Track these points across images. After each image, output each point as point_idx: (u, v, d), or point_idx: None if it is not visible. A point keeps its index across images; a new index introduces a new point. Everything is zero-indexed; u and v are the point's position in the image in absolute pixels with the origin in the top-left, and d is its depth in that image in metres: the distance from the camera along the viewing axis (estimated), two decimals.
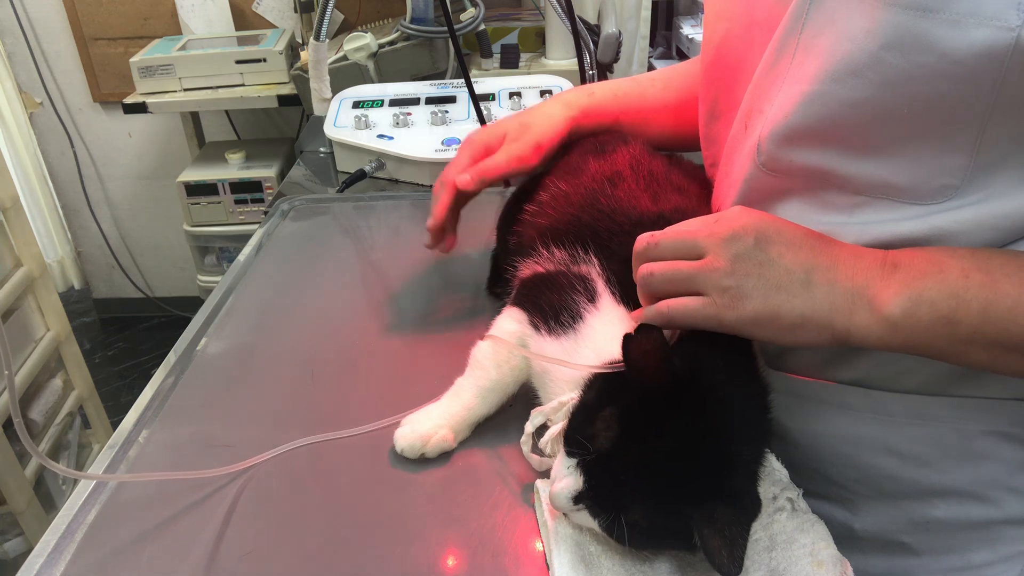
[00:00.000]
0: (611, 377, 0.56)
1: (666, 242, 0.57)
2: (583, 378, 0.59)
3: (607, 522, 0.53)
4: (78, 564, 0.60)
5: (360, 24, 1.97)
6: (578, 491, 0.53)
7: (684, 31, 2.01)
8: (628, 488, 0.51)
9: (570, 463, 0.54)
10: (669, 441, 0.51)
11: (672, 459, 0.51)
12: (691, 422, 0.52)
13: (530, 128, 0.82)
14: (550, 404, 0.61)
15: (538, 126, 0.82)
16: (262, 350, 0.86)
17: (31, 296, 1.71)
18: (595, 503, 0.53)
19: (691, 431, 0.52)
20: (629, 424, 0.52)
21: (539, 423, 0.62)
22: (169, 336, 0.92)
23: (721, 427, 0.53)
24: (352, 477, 0.67)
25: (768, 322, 0.53)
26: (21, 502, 1.59)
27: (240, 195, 2.17)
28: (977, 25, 0.45)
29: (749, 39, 0.64)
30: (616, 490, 0.52)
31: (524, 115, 0.84)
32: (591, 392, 0.57)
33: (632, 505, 0.51)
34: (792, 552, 0.56)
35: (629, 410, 0.53)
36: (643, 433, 0.52)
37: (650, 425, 0.52)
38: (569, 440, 0.55)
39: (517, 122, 0.83)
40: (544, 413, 0.62)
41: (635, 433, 0.52)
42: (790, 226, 0.55)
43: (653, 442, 0.51)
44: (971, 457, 0.60)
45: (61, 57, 2.51)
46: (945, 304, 0.50)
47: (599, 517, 0.53)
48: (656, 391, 0.52)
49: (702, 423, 0.52)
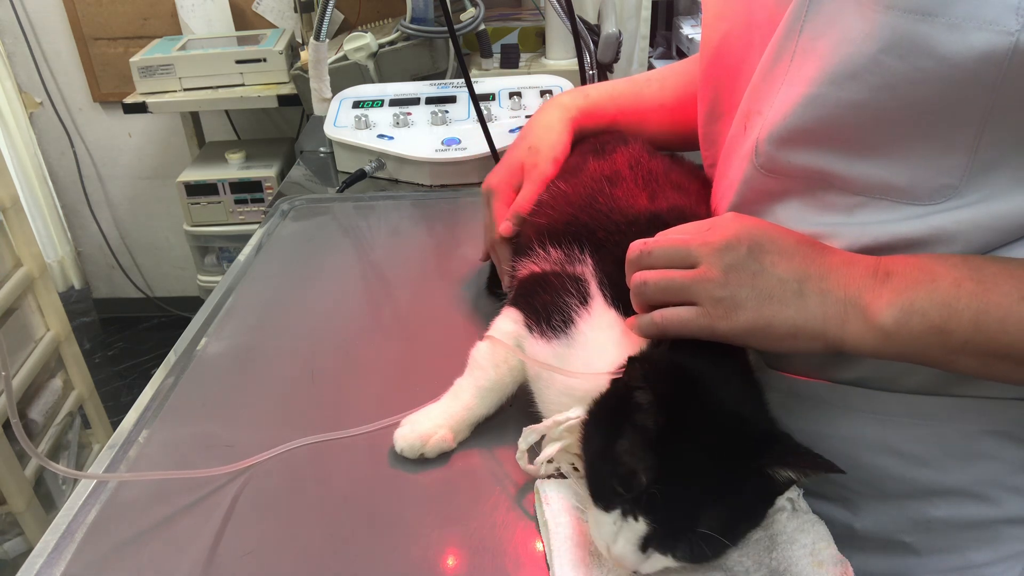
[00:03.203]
0: (601, 417, 0.55)
1: (659, 250, 0.57)
2: (577, 387, 0.59)
3: (686, 546, 0.50)
4: (78, 564, 0.60)
5: (360, 24, 1.97)
6: (643, 535, 0.50)
7: (684, 31, 2.01)
8: (689, 499, 0.49)
9: (612, 517, 0.52)
10: (703, 438, 0.50)
11: (713, 450, 0.50)
12: (712, 414, 0.52)
13: (540, 149, 0.82)
14: (544, 423, 0.61)
15: (545, 141, 0.83)
16: (262, 350, 0.86)
17: (31, 296, 1.71)
18: (665, 535, 0.50)
19: (716, 421, 0.51)
20: (660, 445, 0.50)
21: (533, 441, 0.62)
22: (169, 336, 0.92)
23: (738, 406, 0.53)
24: (352, 477, 0.67)
25: (761, 332, 0.54)
26: (21, 502, 1.59)
27: (240, 195, 2.17)
28: (976, 29, 0.45)
29: (748, 40, 0.64)
30: (679, 508, 0.50)
31: (527, 137, 0.85)
32: (592, 442, 0.55)
33: (702, 512, 0.50)
34: (792, 552, 0.56)
35: (652, 431, 0.51)
36: (677, 444, 0.50)
37: (680, 434, 0.50)
38: (603, 496, 0.52)
39: (525, 148, 0.84)
40: (537, 431, 0.61)
41: (669, 448, 0.50)
42: (783, 233, 0.56)
43: (689, 447, 0.50)
44: (971, 457, 0.60)
45: (61, 57, 2.51)
46: (937, 314, 0.50)
47: (675, 547, 0.51)
48: (673, 402, 0.51)
49: (721, 411, 0.52)
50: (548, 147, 0.82)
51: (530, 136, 0.84)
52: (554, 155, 0.82)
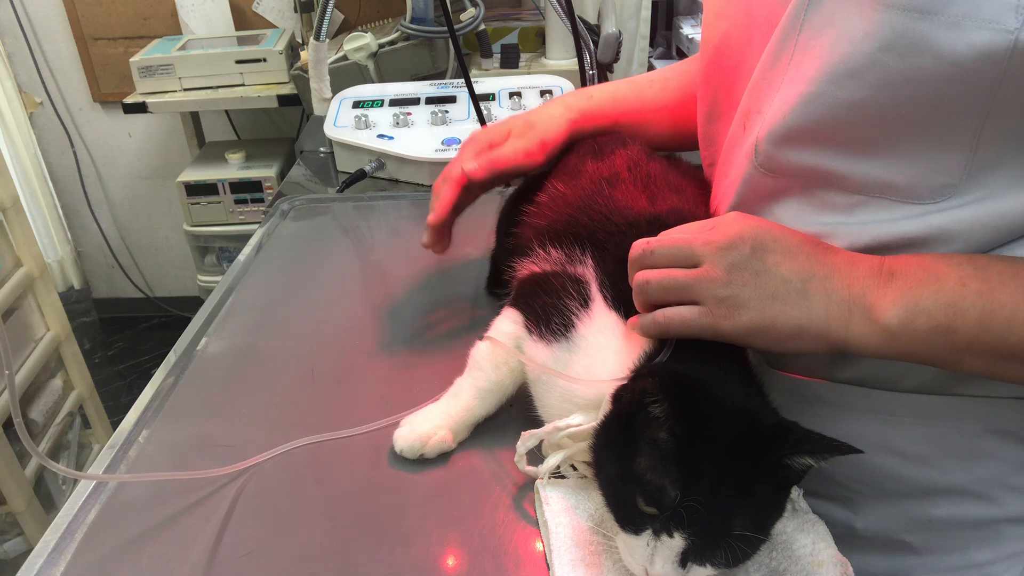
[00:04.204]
0: (610, 439, 0.54)
1: (661, 249, 0.57)
2: (578, 394, 0.59)
3: (724, 551, 0.49)
4: (78, 564, 0.60)
5: (360, 24, 1.97)
6: (681, 550, 0.49)
7: (684, 31, 2.01)
8: (720, 504, 0.49)
9: (643, 539, 0.50)
10: (720, 440, 0.50)
11: (732, 451, 0.50)
12: (724, 415, 0.51)
13: (535, 126, 0.81)
14: (543, 429, 0.61)
15: (542, 124, 0.82)
16: (262, 350, 0.86)
17: (31, 296, 1.71)
18: (703, 545, 0.49)
19: (729, 421, 0.51)
20: (682, 455, 0.50)
21: (532, 446, 0.62)
22: (169, 336, 0.92)
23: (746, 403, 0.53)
24: (352, 477, 0.67)
25: (765, 332, 0.53)
26: (21, 502, 1.59)
27: (240, 195, 2.17)
28: (976, 28, 0.45)
29: (748, 39, 0.64)
30: (712, 515, 0.48)
31: (527, 114, 0.84)
32: (606, 468, 0.54)
33: (733, 516, 0.49)
34: (792, 552, 0.56)
35: (671, 443, 0.50)
36: (697, 451, 0.50)
37: (698, 441, 0.50)
38: (630, 519, 0.51)
39: (521, 120, 0.83)
40: (536, 436, 0.61)
41: (691, 457, 0.50)
42: (786, 233, 0.55)
43: (710, 452, 0.50)
44: (972, 456, 0.60)
45: (61, 57, 2.51)
46: (942, 313, 0.50)
47: (714, 555, 0.49)
48: (687, 410, 0.50)
49: (732, 410, 0.51)
50: (543, 129, 0.81)
51: (530, 115, 0.84)
52: (544, 139, 0.80)
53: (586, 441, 0.58)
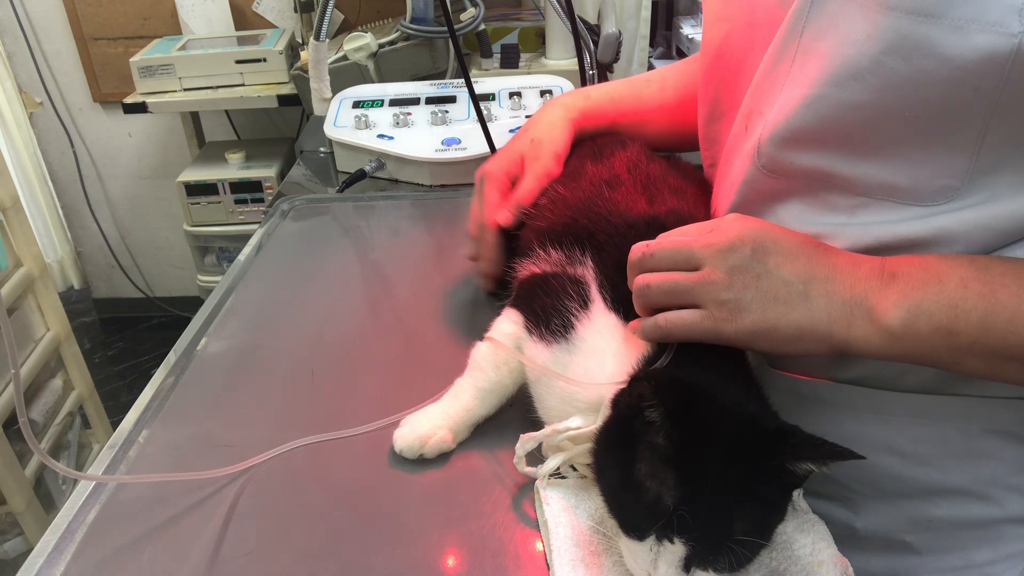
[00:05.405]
0: (609, 445, 0.54)
1: (661, 252, 0.57)
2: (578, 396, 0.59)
3: (726, 556, 0.49)
4: (78, 564, 0.60)
5: (360, 24, 1.97)
6: (684, 556, 0.49)
7: (684, 31, 2.01)
8: (720, 509, 0.49)
9: (647, 545, 0.50)
10: (720, 444, 0.50)
11: (732, 455, 0.49)
12: (723, 419, 0.51)
13: (542, 142, 0.81)
14: (542, 431, 0.60)
15: (547, 136, 0.82)
16: (262, 350, 0.86)
17: (31, 296, 1.71)
18: (704, 550, 0.49)
19: (729, 425, 0.50)
20: (681, 460, 0.49)
21: (531, 448, 0.62)
22: (169, 336, 0.92)
23: (746, 407, 0.53)
24: (352, 477, 0.67)
25: (767, 334, 0.53)
26: (21, 502, 1.59)
27: (240, 195, 2.17)
28: (979, 31, 0.45)
29: (750, 40, 0.64)
30: (713, 520, 0.49)
31: (529, 131, 0.84)
32: (607, 474, 0.54)
33: (735, 519, 0.49)
34: (792, 552, 0.56)
35: (669, 448, 0.50)
36: (696, 456, 0.49)
37: (697, 446, 0.50)
38: (633, 525, 0.51)
39: (527, 140, 0.83)
40: (536, 438, 0.61)
41: (690, 462, 0.49)
42: (787, 234, 0.55)
43: (709, 457, 0.49)
44: (972, 456, 0.60)
45: (61, 57, 2.51)
46: (944, 315, 0.50)
47: (716, 560, 0.49)
48: (684, 414, 0.50)
49: (732, 414, 0.51)
50: (551, 141, 0.81)
51: (532, 130, 0.84)
52: (556, 150, 0.80)
53: (586, 444, 0.58)
